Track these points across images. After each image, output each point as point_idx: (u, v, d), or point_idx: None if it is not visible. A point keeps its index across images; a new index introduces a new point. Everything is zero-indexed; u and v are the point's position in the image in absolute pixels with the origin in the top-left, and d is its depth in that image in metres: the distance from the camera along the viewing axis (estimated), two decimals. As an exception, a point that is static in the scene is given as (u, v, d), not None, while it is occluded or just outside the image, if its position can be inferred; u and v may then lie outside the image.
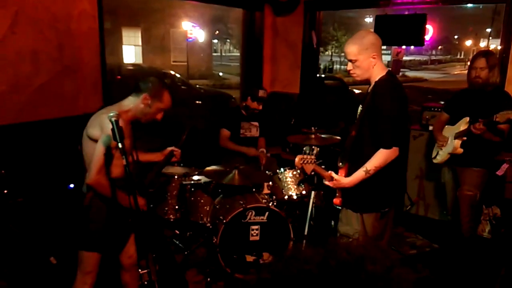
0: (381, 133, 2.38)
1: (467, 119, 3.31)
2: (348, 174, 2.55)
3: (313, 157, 2.52)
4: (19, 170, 2.98)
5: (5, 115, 2.97)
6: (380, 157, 2.37)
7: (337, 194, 2.66)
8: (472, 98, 3.39)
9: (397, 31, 4.44)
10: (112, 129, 1.93)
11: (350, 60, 2.45)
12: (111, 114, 1.96)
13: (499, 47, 4.22)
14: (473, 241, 3.59)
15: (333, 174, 2.54)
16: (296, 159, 2.55)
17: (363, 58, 2.39)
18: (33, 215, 2.97)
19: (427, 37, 5.39)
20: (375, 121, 2.41)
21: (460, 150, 3.33)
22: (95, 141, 2.21)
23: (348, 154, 2.59)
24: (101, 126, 2.19)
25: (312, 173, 2.60)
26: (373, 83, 2.47)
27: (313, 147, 2.55)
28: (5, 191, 2.89)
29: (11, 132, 2.99)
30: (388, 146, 2.36)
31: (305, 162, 2.54)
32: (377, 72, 2.45)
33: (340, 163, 2.63)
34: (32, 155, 3.07)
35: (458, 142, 3.34)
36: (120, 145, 1.93)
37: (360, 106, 2.58)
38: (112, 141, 2.05)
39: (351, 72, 2.49)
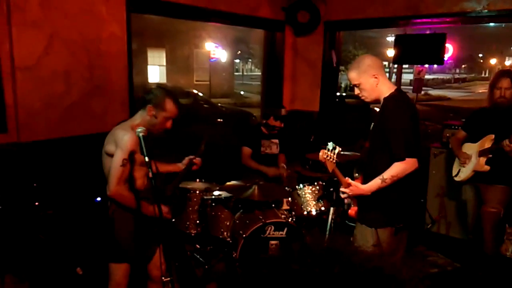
0: (393, 146, 2.43)
1: (492, 136, 3.30)
2: (363, 184, 2.59)
3: (335, 156, 2.50)
4: (50, 183, 3.14)
5: (39, 131, 3.15)
6: (396, 168, 2.41)
7: (352, 205, 2.70)
8: (495, 116, 3.38)
9: (417, 50, 4.49)
10: (140, 143, 2.04)
11: (355, 85, 2.60)
12: (139, 129, 2.08)
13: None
14: (496, 260, 3.53)
15: (350, 181, 2.56)
16: (320, 153, 2.53)
17: (364, 80, 2.53)
18: (62, 226, 3.11)
19: (446, 56, 5.41)
20: (386, 135, 2.46)
21: (487, 168, 3.32)
22: (112, 156, 2.33)
23: (363, 165, 2.65)
24: (115, 141, 2.31)
25: (332, 172, 2.56)
26: (382, 101, 2.56)
27: (336, 146, 2.50)
28: (36, 203, 3.04)
29: (44, 147, 3.15)
30: (401, 158, 2.40)
31: (329, 158, 2.51)
32: (384, 90, 2.54)
33: (356, 174, 2.68)
34: (62, 169, 3.22)
35: (483, 160, 3.34)
36: (147, 159, 2.04)
37: (373, 123, 2.67)
38: (138, 154, 2.16)
39: (359, 95, 2.62)
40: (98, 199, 3.20)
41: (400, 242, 2.74)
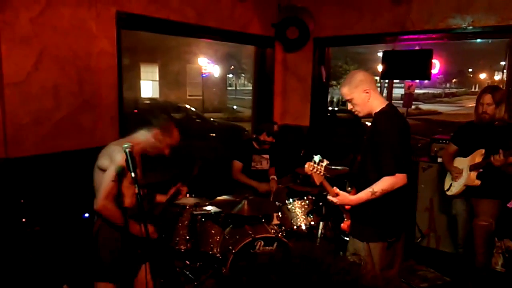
0: (382, 161, 2.47)
1: (482, 151, 3.35)
2: None
3: (322, 169, 2.52)
4: (37, 199, 3.11)
5: (27, 147, 3.13)
6: (386, 182, 2.45)
7: (345, 220, 2.72)
8: (482, 131, 3.43)
9: (404, 65, 4.57)
10: (126, 159, 2.05)
11: (348, 100, 2.66)
12: (126, 145, 2.08)
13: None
14: (486, 274, 3.54)
15: (338, 191, 2.59)
16: (306, 166, 2.53)
17: (356, 95, 2.60)
18: (49, 243, 3.07)
19: (434, 71, 5.50)
20: (376, 150, 2.51)
21: (478, 182, 3.36)
22: (104, 171, 2.34)
23: (355, 178, 2.68)
24: (110, 156, 2.32)
25: (320, 185, 2.58)
26: (373, 116, 2.62)
27: (323, 159, 2.51)
28: (24, 220, 3.02)
29: (32, 163, 3.13)
30: (391, 173, 2.44)
31: (315, 171, 2.53)
32: (376, 105, 2.60)
33: (349, 188, 2.71)
34: (51, 185, 3.20)
35: (474, 174, 3.38)
36: (133, 175, 2.04)
37: (365, 137, 2.70)
38: (126, 171, 2.17)
39: (353, 110, 2.68)
40: (86, 215, 3.18)
41: (395, 256, 2.76)
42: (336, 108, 15.35)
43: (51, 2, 3.19)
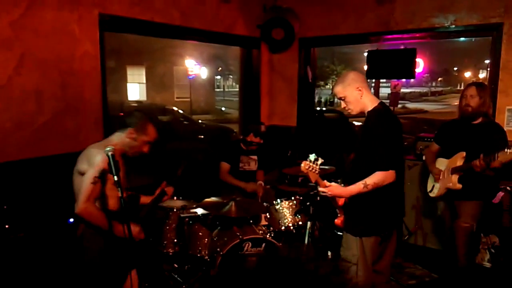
0: (376, 157, 2.52)
1: (463, 154, 3.35)
2: None
3: (317, 167, 2.56)
4: (21, 205, 3.06)
5: (9, 152, 3.08)
6: (378, 176, 2.50)
7: (338, 215, 2.75)
8: (463, 130, 3.45)
9: (388, 65, 4.60)
10: (109, 163, 2.03)
11: (341, 98, 2.70)
12: (108, 148, 2.06)
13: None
14: (473, 270, 3.58)
15: (328, 183, 2.63)
16: (302, 165, 2.57)
17: (349, 93, 2.65)
18: (33, 249, 3.02)
19: (418, 70, 5.56)
20: (370, 147, 2.55)
21: (459, 186, 3.37)
22: (83, 174, 2.31)
23: (348, 176, 2.71)
24: (88, 159, 2.30)
25: (315, 182, 2.62)
26: (366, 114, 2.67)
27: (318, 157, 2.55)
28: (7, 226, 2.96)
29: (14, 168, 3.08)
30: (385, 168, 2.49)
31: (311, 169, 2.56)
32: (369, 103, 2.65)
33: (342, 185, 2.74)
34: (34, 191, 3.15)
35: (455, 178, 3.39)
36: (116, 178, 2.02)
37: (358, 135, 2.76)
38: (108, 174, 2.14)
39: (345, 108, 2.72)
40: (71, 220, 3.13)
41: (385, 250, 2.80)
42: (324, 109, 15.42)
43: (32, 5, 3.14)
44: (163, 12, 4.11)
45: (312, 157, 2.56)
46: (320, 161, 2.55)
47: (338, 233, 2.73)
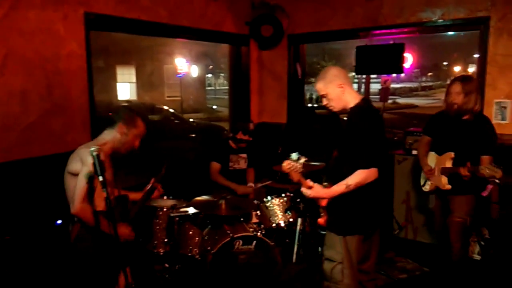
0: (358, 155, 2.49)
1: (452, 155, 3.35)
2: None
3: (300, 166, 2.52)
4: (7, 207, 3.02)
5: (-5, 154, 3.04)
6: (359, 175, 2.47)
7: (321, 214, 2.72)
8: (452, 124, 3.42)
9: (377, 60, 4.60)
10: (94, 163, 2.00)
11: (323, 95, 2.66)
12: (93, 148, 2.03)
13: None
14: (463, 263, 3.60)
15: (312, 183, 2.59)
16: (284, 164, 2.53)
17: (331, 90, 2.61)
18: (20, 252, 2.98)
19: (406, 65, 5.57)
20: (352, 144, 2.52)
21: (448, 187, 3.39)
22: (77, 175, 2.29)
23: (332, 174, 2.69)
24: (81, 159, 2.28)
25: (298, 182, 2.58)
26: (349, 111, 2.63)
27: (301, 156, 2.51)
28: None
29: (0, 170, 3.04)
30: (366, 166, 2.46)
31: (293, 168, 2.52)
32: (351, 100, 2.62)
33: (325, 183, 2.72)
34: (21, 193, 3.11)
35: (445, 179, 3.40)
36: (101, 178, 1.99)
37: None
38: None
39: (327, 105, 2.68)
40: (59, 222, 3.10)
41: (371, 248, 2.79)
42: (315, 105, 15.42)
43: (16, 5, 3.09)
44: (150, 10, 4.07)
45: (294, 156, 2.52)
46: (303, 159, 2.51)
47: (322, 232, 2.70)
